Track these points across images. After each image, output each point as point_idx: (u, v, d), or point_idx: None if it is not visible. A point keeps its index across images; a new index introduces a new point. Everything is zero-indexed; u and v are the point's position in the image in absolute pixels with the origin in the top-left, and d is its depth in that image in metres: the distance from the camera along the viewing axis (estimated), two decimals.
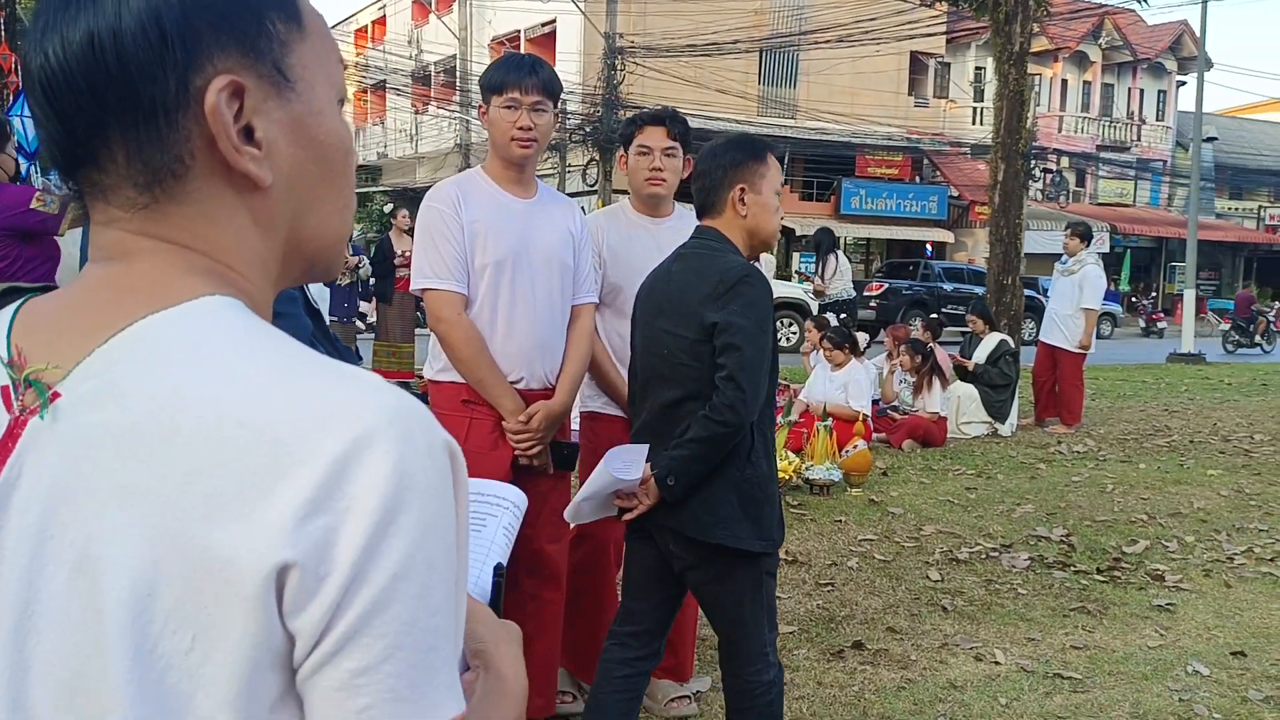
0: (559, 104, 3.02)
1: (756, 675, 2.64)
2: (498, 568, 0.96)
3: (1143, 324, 28.59)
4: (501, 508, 1.03)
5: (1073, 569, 5.19)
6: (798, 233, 28.37)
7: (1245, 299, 24.63)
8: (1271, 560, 5.46)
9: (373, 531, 0.66)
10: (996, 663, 3.96)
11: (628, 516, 2.63)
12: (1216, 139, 33.05)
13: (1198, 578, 5.14)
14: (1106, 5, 30.58)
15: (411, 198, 23.00)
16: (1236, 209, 38.73)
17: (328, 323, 2.50)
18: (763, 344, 2.52)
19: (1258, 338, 23.60)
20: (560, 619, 3.18)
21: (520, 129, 2.90)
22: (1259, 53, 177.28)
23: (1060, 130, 34.08)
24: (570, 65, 24.94)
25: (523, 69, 2.92)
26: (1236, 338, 23.37)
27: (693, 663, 3.60)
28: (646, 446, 2.60)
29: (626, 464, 2.57)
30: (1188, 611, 4.63)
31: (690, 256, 2.68)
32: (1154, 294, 34.55)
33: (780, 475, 6.36)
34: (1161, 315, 29.25)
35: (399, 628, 0.67)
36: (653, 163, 3.35)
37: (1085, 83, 35.50)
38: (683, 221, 3.30)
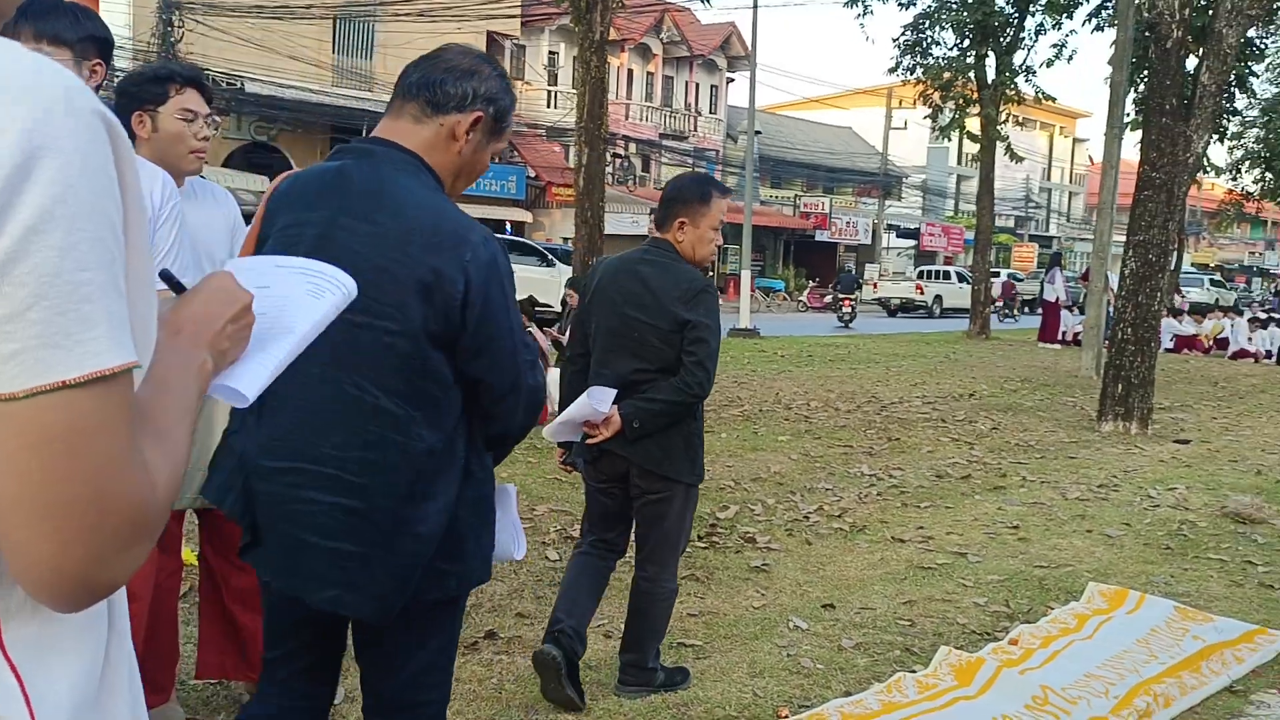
0: (84, 55, 2.43)
1: (664, 581, 3.51)
2: (163, 272, 1.11)
3: None
4: (338, 289, 1.25)
5: None
6: None
7: (1008, 285, 31.75)
8: (839, 516, 6.09)
9: (1, 189, 0.71)
10: None
11: (591, 441, 3.37)
12: (760, 133, 36.52)
13: (783, 538, 5.61)
14: (667, 2, 32.65)
15: None
16: (777, 197, 43.14)
17: None
18: (719, 338, 3.38)
19: (1015, 311, 31.14)
20: (140, 630, 2.74)
21: None
22: (795, 56, 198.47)
23: (627, 117, 36.03)
24: (119, 18, 22.54)
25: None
26: (1005, 312, 30.49)
27: (173, 682, 3.14)
28: (616, 390, 3.32)
29: (601, 399, 3.29)
30: (780, 570, 5.03)
31: (655, 263, 3.40)
32: (711, 273, 37.60)
33: None
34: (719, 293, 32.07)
35: (40, 278, 0.71)
36: (200, 131, 2.81)
37: (649, 74, 37.80)
38: None
